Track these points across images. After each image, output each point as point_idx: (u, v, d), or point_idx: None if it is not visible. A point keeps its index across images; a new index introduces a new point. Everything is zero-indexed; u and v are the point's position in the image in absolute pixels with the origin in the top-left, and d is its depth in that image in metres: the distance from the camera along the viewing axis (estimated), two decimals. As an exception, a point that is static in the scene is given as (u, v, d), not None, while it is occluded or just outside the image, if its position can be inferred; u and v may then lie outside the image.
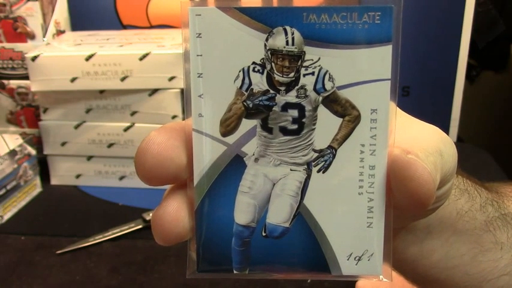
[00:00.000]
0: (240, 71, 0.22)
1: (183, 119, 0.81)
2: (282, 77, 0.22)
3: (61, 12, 0.87)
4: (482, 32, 0.97)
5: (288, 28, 0.22)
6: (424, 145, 0.24)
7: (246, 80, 0.22)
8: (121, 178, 0.81)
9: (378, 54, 0.22)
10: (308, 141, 0.23)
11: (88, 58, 0.72)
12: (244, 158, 0.23)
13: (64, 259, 0.63)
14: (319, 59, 0.22)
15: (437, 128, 0.27)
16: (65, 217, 0.73)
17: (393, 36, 0.22)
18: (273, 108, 0.22)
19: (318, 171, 0.23)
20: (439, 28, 0.88)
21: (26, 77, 0.78)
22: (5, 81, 0.82)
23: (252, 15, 0.22)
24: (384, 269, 0.24)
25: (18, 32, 0.81)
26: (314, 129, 0.23)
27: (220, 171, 0.23)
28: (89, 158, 0.80)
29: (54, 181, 0.82)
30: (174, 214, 0.23)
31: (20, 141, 0.76)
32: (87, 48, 0.75)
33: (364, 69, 0.22)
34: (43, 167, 0.81)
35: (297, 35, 0.22)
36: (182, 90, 0.74)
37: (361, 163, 0.23)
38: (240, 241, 0.23)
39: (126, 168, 0.80)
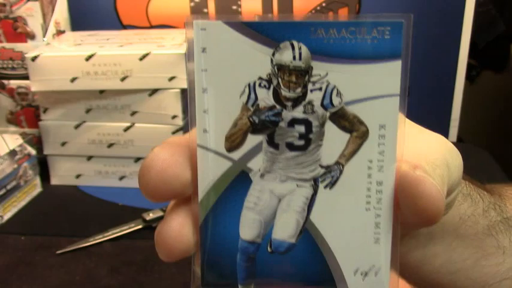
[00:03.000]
0: (245, 86, 0.22)
1: (183, 119, 0.80)
2: (289, 92, 0.22)
3: (61, 12, 0.87)
4: (482, 32, 0.97)
5: (295, 43, 0.21)
6: (431, 157, 0.24)
7: (252, 95, 0.22)
8: (121, 178, 0.81)
9: (387, 69, 0.21)
10: (315, 157, 0.22)
11: (88, 58, 0.72)
12: (250, 174, 0.23)
13: (64, 259, 0.63)
14: (327, 74, 0.22)
15: (443, 137, 0.27)
16: (65, 217, 0.73)
17: (403, 51, 0.21)
18: (280, 124, 0.22)
19: (325, 187, 0.23)
20: (439, 28, 0.88)
21: (26, 77, 0.78)
22: (5, 81, 0.82)
23: (258, 30, 0.21)
24: (391, 284, 0.24)
25: (18, 32, 0.81)
26: (321, 145, 0.22)
27: (226, 186, 0.23)
28: (89, 158, 0.80)
29: (54, 181, 0.82)
30: (178, 230, 0.23)
31: (20, 141, 0.76)
32: (87, 48, 0.75)
33: (373, 85, 0.22)
34: (43, 167, 0.81)
35: (304, 49, 0.21)
36: (182, 90, 0.74)
37: (368, 179, 0.22)
38: (245, 256, 0.23)
39: (126, 168, 0.80)
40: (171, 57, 0.73)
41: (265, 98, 0.22)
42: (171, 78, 0.73)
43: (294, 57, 0.21)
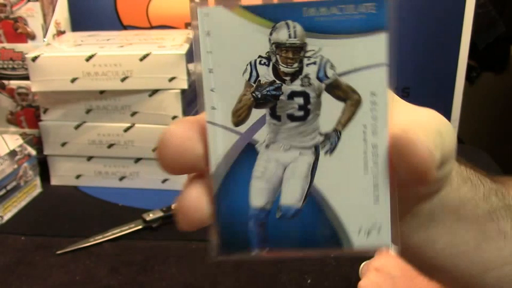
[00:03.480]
0: (247, 65, 0.24)
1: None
2: (287, 67, 0.24)
3: (61, 12, 0.87)
4: (482, 33, 0.97)
5: (290, 22, 0.23)
6: (424, 126, 0.25)
7: (254, 73, 0.24)
8: (121, 179, 0.81)
9: (374, 41, 0.23)
10: (314, 126, 0.24)
11: (88, 58, 0.73)
12: (256, 145, 0.24)
13: (64, 259, 0.63)
14: (320, 49, 0.24)
15: (435, 111, 0.28)
16: (65, 217, 0.73)
17: (388, 24, 0.23)
18: (280, 97, 0.24)
19: (325, 153, 0.24)
20: (439, 29, 0.88)
21: (26, 78, 0.78)
22: (6, 82, 0.82)
23: (255, 12, 0.23)
24: (393, 240, 0.25)
25: (19, 32, 0.81)
26: (319, 114, 0.24)
27: (235, 159, 0.25)
28: (89, 158, 0.80)
29: (54, 181, 0.82)
30: (196, 200, 0.25)
31: (20, 141, 0.76)
32: (87, 48, 0.75)
33: (362, 56, 0.24)
34: (43, 167, 0.81)
35: (299, 28, 0.23)
36: (182, 91, 0.74)
37: (364, 143, 0.24)
38: (256, 223, 0.25)
39: (126, 168, 0.80)
40: (172, 58, 0.73)
41: (266, 74, 0.24)
42: (171, 79, 0.73)
43: (290, 36, 0.23)
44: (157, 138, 0.25)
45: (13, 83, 0.82)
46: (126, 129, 0.77)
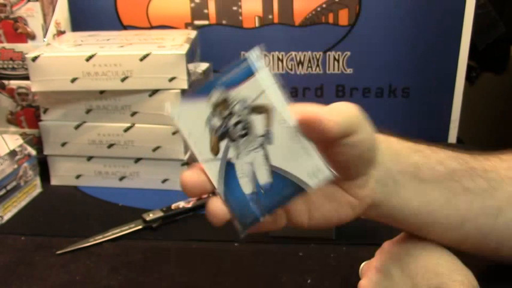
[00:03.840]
0: (206, 123, 0.38)
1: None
2: (225, 112, 0.38)
3: (61, 12, 0.87)
4: (482, 34, 0.97)
5: (216, 91, 0.37)
6: (324, 109, 0.36)
7: (210, 125, 0.38)
8: (121, 179, 0.81)
9: (255, 81, 0.37)
10: (255, 134, 0.38)
11: (88, 58, 0.73)
12: (231, 160, 0.38)
13: (64, 259, 0.63)
14: (236, 95, 0.37)
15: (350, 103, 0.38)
16: (65, 217, 0.73)
17: (254, 70, 0.37)
18: (229, 129, 0.38)
19: (269, 144, 0.37)
20: (439, 29, 0.88)
21: (26, 78, 0.78)
22: (6, 82, 0.82)
23: (197, 94, 0.38)
24: (331, 172, 0.37)
25: (19, 32, 0.81)
26: (254, 126, 0.38)
27: (224, 173, 0.38)
28: (89, 158, 0.80)
29: (54, 181, 0.82)
30: (216, 206, 0.38)
31: (20, 141, 0.76)
32: (87, 48, 0.75)
33: (255, 89, 0.37)
34: (43, 167, 0.81)
35: (221, 90, 0.37)
36: (182, 91, 0.74)
37: (285, 127, 0.37)
38: (253, 202, 0.38)
39: (126, 168, 0.80)
40: (172, 58, 0.73)
41: (217, 121, 0.38)
42: (172, 79, 0.74)
43: (219, 96, 0.37)
44: (157, 138, 0.25)
45: (13, 83, 0.82)
46: (126, 129, 0.77)
